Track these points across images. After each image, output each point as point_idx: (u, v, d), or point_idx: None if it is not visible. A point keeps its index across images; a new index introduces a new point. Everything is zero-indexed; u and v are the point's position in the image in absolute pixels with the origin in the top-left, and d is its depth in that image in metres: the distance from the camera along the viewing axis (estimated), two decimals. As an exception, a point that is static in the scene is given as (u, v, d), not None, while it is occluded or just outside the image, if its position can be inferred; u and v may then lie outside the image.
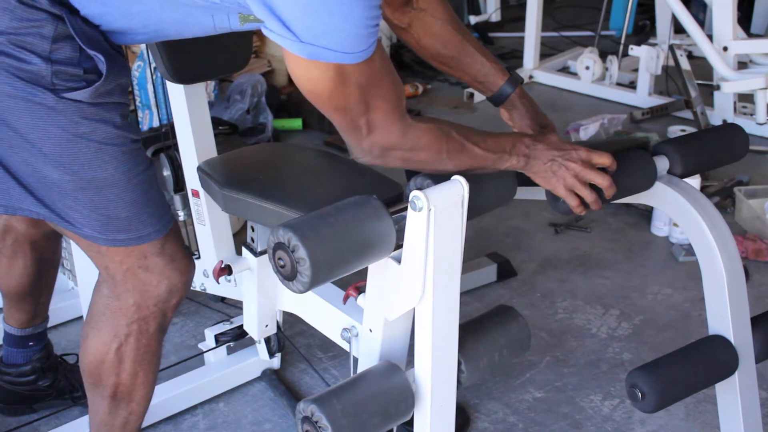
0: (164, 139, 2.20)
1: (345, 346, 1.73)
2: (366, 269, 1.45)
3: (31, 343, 2.00)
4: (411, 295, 1.39)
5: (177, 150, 2.07)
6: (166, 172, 2.15)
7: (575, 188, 1.47)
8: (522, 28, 4.43)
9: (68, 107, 1.34)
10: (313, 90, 1.27)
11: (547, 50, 4.65)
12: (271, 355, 2.11)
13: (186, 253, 1.57)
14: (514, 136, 1.46)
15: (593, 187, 1.48)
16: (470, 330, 1.54)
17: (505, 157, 1.44)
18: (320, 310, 1.81)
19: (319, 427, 1.36)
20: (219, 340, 2.14)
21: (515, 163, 1.45)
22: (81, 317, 2.21)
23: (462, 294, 1.44)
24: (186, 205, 2.15)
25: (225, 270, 1.97)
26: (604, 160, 1.47)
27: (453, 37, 1.60)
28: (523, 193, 1.59)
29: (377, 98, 1.29)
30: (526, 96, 1.63)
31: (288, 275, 1.30)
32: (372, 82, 1.28)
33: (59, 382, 2.05)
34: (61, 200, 1.41)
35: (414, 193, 1.32)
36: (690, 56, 3.84)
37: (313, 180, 1.83)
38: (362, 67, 1.24)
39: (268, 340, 2.08)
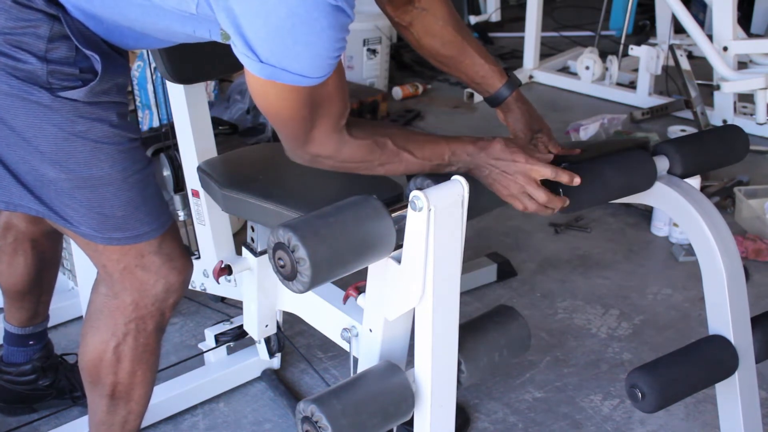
0: (164, 139, 2.20)
1: (345, 346, 1.73)
2: (366, 269, 1.44)
3: (31, 342, 2.00)
4: (411, 295, 1.39)
5: (177, 150, 2.07)
6: (166, 172, 2.15)
7: (518, 198, 1.43)
8: (522, 28, 4.43)
9: (64, 106, 1.35)
10: (265, 104, 1.29)
11: (547, 50, 4.64)
12: (271, 355, 2.11)
13: (184, 252, 1.57)
14: (458, 143, 1.42)
15: (557, 187, 1.43)
16: (470, 330, 1.54)
17: (443, 165, 1.42)
18: (320, 310, 1.81)
19: (319, 427, 1.35)
20: (219, 340, 2.14)
21: (456, 169, 1.43)
22: (81, 317, 2.21)
23: (462, 294, 1.44)
24: (186, 205, 2.15)
25: (225, 270, 1.97)
26: (545, 172, 1.41)
27: (453, 38, 1.60)
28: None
29: (322, 116, 1.31)
30: (522, 99, 1.63)
31: (288, 275, 1.30)
32: (322, 102, 1.29)
33: (59, 381, 2.05)
34: (58, 198, 1.42)
35: (414, 193, 1.32)
36: (690, 56, 3.84)
37: (313, 180, 1.83)
38: (316, 89, 1.26)
39: (268, 340, 2.08)
